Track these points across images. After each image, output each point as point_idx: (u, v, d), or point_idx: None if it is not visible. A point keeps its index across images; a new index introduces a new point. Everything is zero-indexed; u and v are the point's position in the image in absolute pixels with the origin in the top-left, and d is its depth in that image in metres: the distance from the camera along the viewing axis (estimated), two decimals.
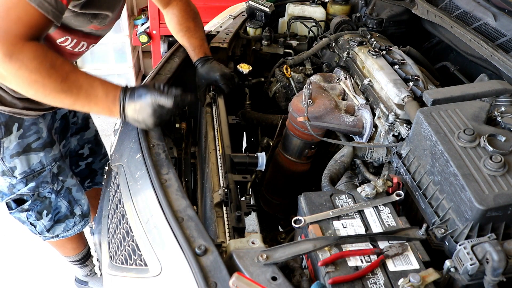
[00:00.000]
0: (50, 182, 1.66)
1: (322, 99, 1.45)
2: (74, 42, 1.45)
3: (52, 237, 1.81)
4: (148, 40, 3.73)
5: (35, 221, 1.72)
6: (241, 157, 1.40)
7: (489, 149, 1.00)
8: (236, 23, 2.13)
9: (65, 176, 1.72)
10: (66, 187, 1.74)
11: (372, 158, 1.36)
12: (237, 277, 0.83)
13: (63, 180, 1.72)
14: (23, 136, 1.54)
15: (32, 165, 1.60)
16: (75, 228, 1.84)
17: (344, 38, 1.82)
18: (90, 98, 1.24)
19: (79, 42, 1.48)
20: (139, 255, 1.06)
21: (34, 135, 1.57)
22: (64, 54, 1.49)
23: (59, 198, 1.72)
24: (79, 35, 1.44)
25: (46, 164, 1.63)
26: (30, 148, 1.57)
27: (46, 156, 1.62)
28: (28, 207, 1.67)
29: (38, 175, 1.62)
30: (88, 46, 1.55)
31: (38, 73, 1.17)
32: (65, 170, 1.72)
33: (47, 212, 1.72)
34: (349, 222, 1.02)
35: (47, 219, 1.73)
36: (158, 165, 1.19)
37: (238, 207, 1.18)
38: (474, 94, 1.24)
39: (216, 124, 1.52)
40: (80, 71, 1.25)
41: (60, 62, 1.20)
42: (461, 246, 0.88)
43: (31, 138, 1.56)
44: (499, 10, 1.61)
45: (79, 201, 1.82)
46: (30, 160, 1.59)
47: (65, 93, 1.22)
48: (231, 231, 1.10)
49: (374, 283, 0.88)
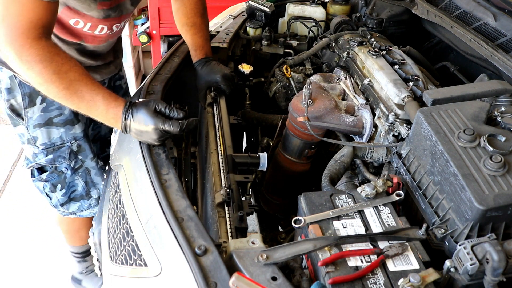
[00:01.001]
0: (67, 158, 1.71)
1: (322, 99, 1.45)
2: (88, 25, 1.46)
3: (69, 213, 1.86)
4: (148, 40, 3.72)
5: (50, 193, 1.77)
6: (243, 157, 1.40)
7: (489, 149, 1.00)
8: (236, 23, 2.13)
9: (84, 156, 1.75)
10: (85, 167, 1.77)
11: (372, 158, 1.36)
12: (237, 277, 0.83)
13: (82, 160, 1.76)
14: (46, 110, 1.61)
15: (52, 139, 1.66)
16: (90, 210, 1.87)
17: (344, 38, 1.82)
18: (91, 110, 1.26)
19: (95, 25, 1.47)
20: (139, 255, 1.06)
21: (56, 110, 1.62)
22: (87, 38, 1.51)
23: (76, 176, 1.76)
24: (91, 19, 1.44)
25: (66, 141, 1.68)
26: (51, 122, 1.63)
27: (66, 133, 1.67)
28: (46, 178, 1.73)
29: (57, 149, 1.68)
30: (111, 28, 1.54)
31: (42, 77, 1.19)
32: (86, 151, 1.75)
33: (61, 187, 1.77)
34: (349, 222, 1.02)
35: (60, 193, 1.77)
36: (158, 165, 1.19)
37: (240, 207, 1.18)
38: (474, 94, 1.24)
39: (217, 124, 1.52)
40: (87, 80, 1.24)
41: (66, 68, 1.20)
42: (461, 246, 0.88)
43: (53, 113, 1.62)
44: (499, 10, 1.61)
45: (97, 185, 1.83)
46: (51, 134, 1.65)
47: (66, 100, 1.24)
48: (234, 231, 1.10)
49: (374, 283, 0.88)
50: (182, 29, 1.73)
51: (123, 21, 1.58)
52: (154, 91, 1.53)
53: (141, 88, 1.57)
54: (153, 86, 1.56)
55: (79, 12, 1.40)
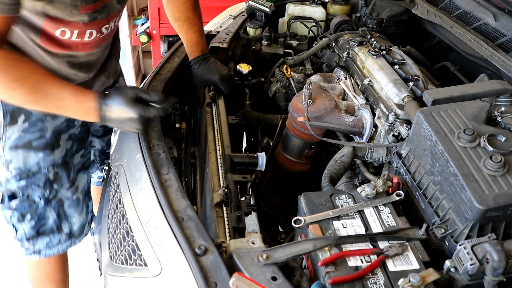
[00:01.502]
0: (41, 186, 1.54)
1: (322, 99, 1.45)
2: (76, 33, 1.33)
3: (34, 251, 1.63)
4: (148, 40, 3.72)
5: (17, 224, 1.57)
6: (241, 157, 1.40)
7: (489, 149, 1.00)
8: (236, 23, 2.13)
9: (60, 185, 1.59)
10: (59, 197, 1.60)
11: (372, 158, 1.36)
12: (237, 277, 0.83)
13: (57, 190, 1.59)
14: (27, 131, 1.47)
15: (28, 164, 1.51)
16: (59, 247, 1.66)
17: (344, 38, 1.82)
18: (62, 109, 1.24)
19: (82, 32, 1.34)
20: (139, 255, 1.06)
21: (38, 132, 1.48)
22: (77, 46, 1.39)
23: (48, 207, 1.58)
24: (77, 25, 1.30)
25: (43, 167, 1.53)
26: (30, 145, 1.49)
27: (44, 158, 1.52)
28: (16, 207, 1.55)
29: (32, 175, 1.52)
30: (101, 31, 1.40)
31: (3, 86, 1.16)
32: (62, 179, 1.59)
33: (30, 217, 1.57)
34: (349, 222, 1.02)
35: (29, 225, 1.57)
36: (158, 165, 1.19)
37: (238, 207, 1.18)
38: (474, 94, 1.24)
39: (216, 124, 1.52)
40: (52, 80, 1.19)
41: (27, 72, 1.16)
42: (461, 246, 0.88)
43: (34, 135, 1.48)
44: (499, 10, 1.61)
45: (70, 218, 1.66)
46: (27, 158, 1.50)
47: (34, 105, 1.22)
48: (232, 231, 1.10)
49: (374, 283, 0.88)
50: (175, 24, 1.66)
51: (112, 21, 1.43)
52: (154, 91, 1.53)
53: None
54: (153, 86, 1.56)
55: (62, 20, 1.27)
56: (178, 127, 1.64)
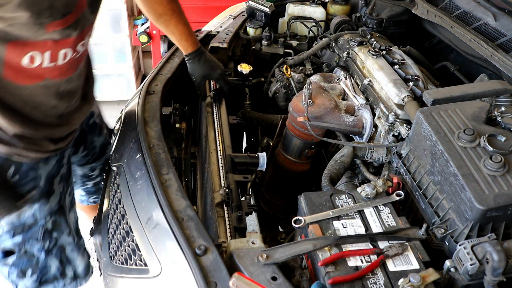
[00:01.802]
0: (40, 239, 1.40)
1: (322, 99, 1.45)
2: (47, 56, 1.14)
3: None
4: (148, 40, 3.72)
5: (17, 279, 1.43)
6: (242, 157, 1.41)
7: (489, 149, 1.00)
8: (236, 23, 2.13)
9: (60, 233, 1.46)
10: (59, 245, 1.47)
11: (372, 158, 1.36)
12: (237, 277, 0.83)
13: (57, 238, 1.46)
14: (18, 184, 1.30)
15: (23, 218, 1.35)
16: None
17: (344, 38, 1.82)
18: None
19: (55, 53, 1.15)
20: (139, 255, 1.06)
21: (31, 182, 1.32)
22: (52, 73, 1.19)
23: (49, 257, 1.45)
24: (47, 45, 1.12)
25: (40, 218, 1.38)
26: None
27: (40, 209, 1.37)
28: (13, 263, 1.40)
29: (27, 229, 1.37)
30: (76, 50, 1.21)
31: None
32: (62, 226, 1.46)
33: (32, 272, 1.43)
34: (349, 222, 1.02)
35: (31, 280, 1.44)
36: (158, 165, 1.19)
37: (239, 207, 1.18)
38: (474, 94, 1.24)
39: (217, 124, 1.52)
40: None
41: None
42: (461, 246, 0.88)
43: (27, 186, 1.32)
44: (499, 10, 1.61)
45: (73, 262, 1.54)
46: (21, 212, 1.34)
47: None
48: (232, 231, 1.10)
49: (374, 283, 0.88)
50: (160, 20, 1.53)
51: (86, 35, 1.25)
52: (154, 91, 1.53)
53: (141, 88, 1.57)
54: (153, 86, 1.56)
55: (28, 43, 1.08)
56: (178, 127, 1.64)
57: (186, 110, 1.71)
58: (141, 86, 1.60)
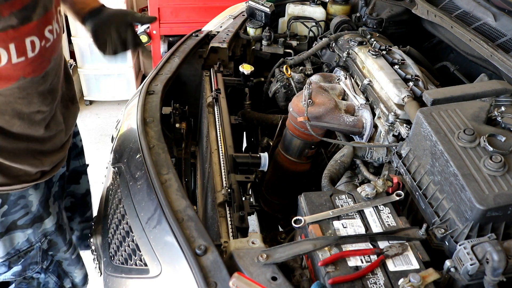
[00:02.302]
0: (39, 261, 1.34)
1: (322, 99, 1.45)
2: (13, 49, 1.01)
3: None
4: (148, 40, 3.73)
5: None
6: (243, 157, 1.41)
7: (489, 149, 1.00)
8: (236, 23, 2.13)
9: (56, 250, 1.41)
10: (56, 260, 1.43)
11: (372, 158, 1.36)
12: (237, 277, 0.83)
13: (53, 255, 1.41)
14: (8, 213, 1.23)
15: (17, 245, 1.28)
16: None
17: (344, 38, 1.82)
18: None
19: (21, 41, 1.02)
20: (139, 255, 1.06)
21: (21, 210, 1.25)
22: (24, 70, 1.06)
23: (47, 275, 1.41)
24: (8, 34, 0.98)
25: (35, 241, 1.31)
26: (15, 225, 1.26)
27: (34, 233, 1.30)
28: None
29: (24, 255, 1.30)
30: (44, 36, 1.08)
31: None
32: (58, 244, 1.41)
33: None
34: (349, 222, 1.02)
35: None
36: (158, 165, 1.19)
37: (241, 207, 1.18)
38: (474, 94, 1.24)
39: (218, 124, 1.52)
40: None
41: None
42: (461, 246, 0.88)
43: (17, 214, 1.25)
44: (499, 10, 1.61)
45: (71, 273, 1.51)
46: (14, 240, 1.27)
47: None
48: (234, 231, 1.10)
49: (374, 283, 0.88)
50: None
51: (52, 20, 1.11)
52: (154, 91, 1.53)
53: (141, 88, 1.57)
54: (153, 86, 1.56)
55: None
56: (178, 127, 1.64)
57: (186, 110, 1.72)
58: (141, 86, 1.60)
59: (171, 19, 3.64)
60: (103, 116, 3.85)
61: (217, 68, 1.85)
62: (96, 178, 1.99)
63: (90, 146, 3.52)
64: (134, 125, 1.37)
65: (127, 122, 1.46)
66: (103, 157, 2.06)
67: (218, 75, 1.81)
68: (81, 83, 3.90)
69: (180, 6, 3.59)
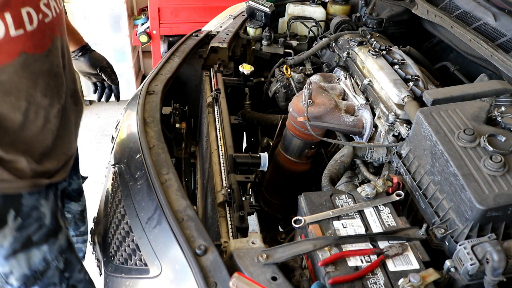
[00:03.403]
0: (58, 283, 1.26)
1: (322, 99, 1.45)
2: (9, 18, 0.98)
3: None
4: (148, 40, 3.72)
5: None
6: (243, 157, 1.41)
7: (489, 149, 1.00)
8: (236, 23, 2.13)
9: (71, 271, 1.32)
10: (71, 284, 1.33)
11: (372, 158, 1.36)
12: (237, 277, 0.83)
13: (69, 277, 1.32)
14: (22, 227, 1.15)
15: (33, 265, 1.20)
16: None
17: (344, 38, 1.82)
18: None
19: (17, 13, 1.00)
20: (139, 255, 1.06)
21: (36, 223, 1.18)
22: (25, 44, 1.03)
23: None
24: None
25: (51, 259, 1.23)
26: (30, 242, 1.18)
27: (50, 249, 1.22)
28: None
29: (41, 277, 1.22)
30: (40, 9, 1.06)
31: None
32: (73, 263, 1.32)
33: None
34: (349, 222, 1.02)
35: None
36: (158, 165, 1.19)
37: (241, 207, 1.18)
38: (474, 94, 1.24)
39: (218, 124, 1.52)
40: None
41: None
42: (461, 246, 0.88)
43: (32, 228, 1.17)
44: (499, 10, 1.61)
45: None
46: (30, 258, 1.19)
47: None
48: (234, 231, 1.10)
49: (374, 283, 0.88)
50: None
51: None
52: (154, 91, 1.53)
53: (141, 88, 1.57)
54: (153, 86, 1.56)
55: None
56: (178, 127, 1.64)
57: (186, 110, 1.71)
58: (141, 86, 1.60)
59: (171, 19, 3.64)
60: (103, 116, 3.85)
61: (217, 68, 1.85)
62: (96, 178, 1.99)
63: (90, 146, 3.52)
64: (134, 125, 1.37)
65: (127, 122, 1.46)
66: (103, 157, 2.06)
67: (218, 75, 1.81)
68: (81, 83, 3.90)
69: (180, 6, 3.59)
